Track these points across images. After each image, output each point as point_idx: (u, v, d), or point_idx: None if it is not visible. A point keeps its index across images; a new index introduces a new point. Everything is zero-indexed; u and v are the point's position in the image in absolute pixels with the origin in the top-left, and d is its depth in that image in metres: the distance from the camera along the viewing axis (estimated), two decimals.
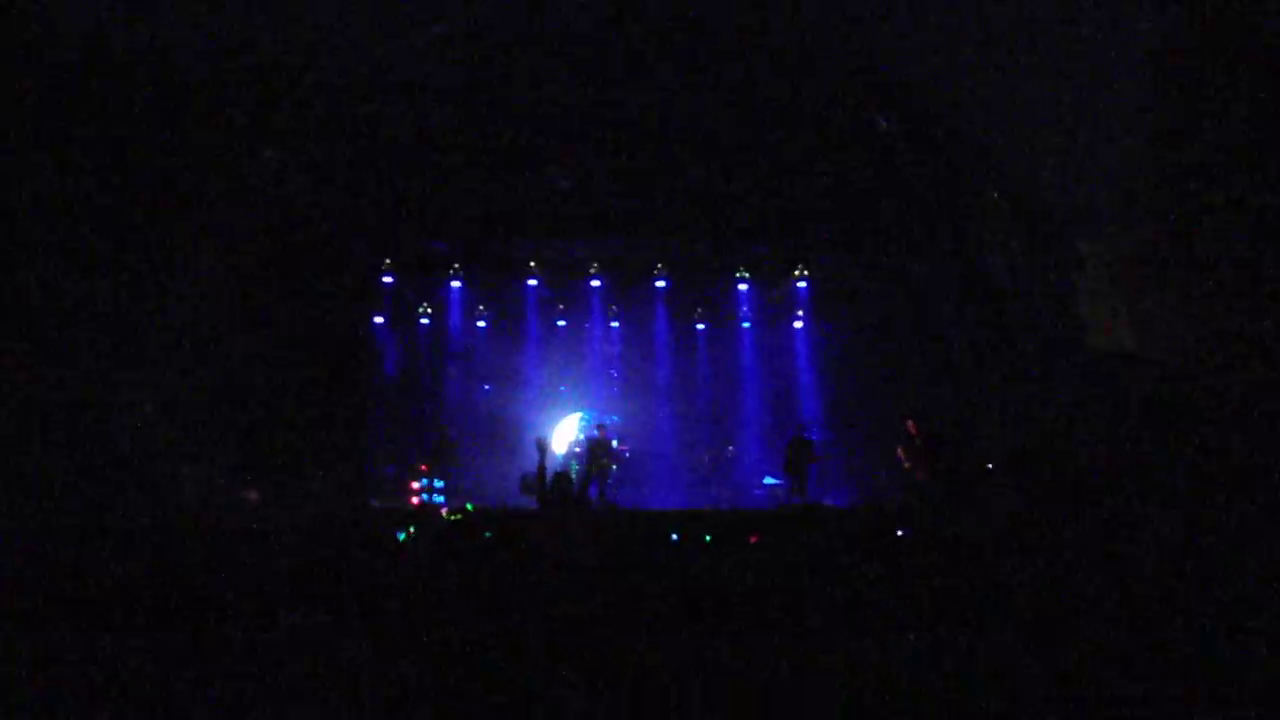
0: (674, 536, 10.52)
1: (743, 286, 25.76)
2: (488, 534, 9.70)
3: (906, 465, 20.57)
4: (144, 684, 5.74)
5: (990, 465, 20.82)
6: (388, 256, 24.35)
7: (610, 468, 23.07)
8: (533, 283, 25.50)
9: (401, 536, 9.77)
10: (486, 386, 26.57)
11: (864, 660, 5.69)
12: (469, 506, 15.32)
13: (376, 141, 22.21)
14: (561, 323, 26.79)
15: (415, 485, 22.63)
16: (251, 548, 8.78)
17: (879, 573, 6.93)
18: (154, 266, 18.91)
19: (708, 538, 10.38)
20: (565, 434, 25.47)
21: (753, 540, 9.97)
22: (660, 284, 25.45)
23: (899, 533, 10.05)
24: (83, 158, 17.51)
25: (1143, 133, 19.99)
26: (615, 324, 26.86)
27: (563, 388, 26.65)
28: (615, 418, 25.59)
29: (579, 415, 25.95)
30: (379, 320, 25.33)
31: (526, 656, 5.77)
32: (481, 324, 26.59)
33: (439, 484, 23.04)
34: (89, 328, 18.25)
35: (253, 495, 18.19)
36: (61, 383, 18.19)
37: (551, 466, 12.65)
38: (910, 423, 20.97)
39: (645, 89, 22.46)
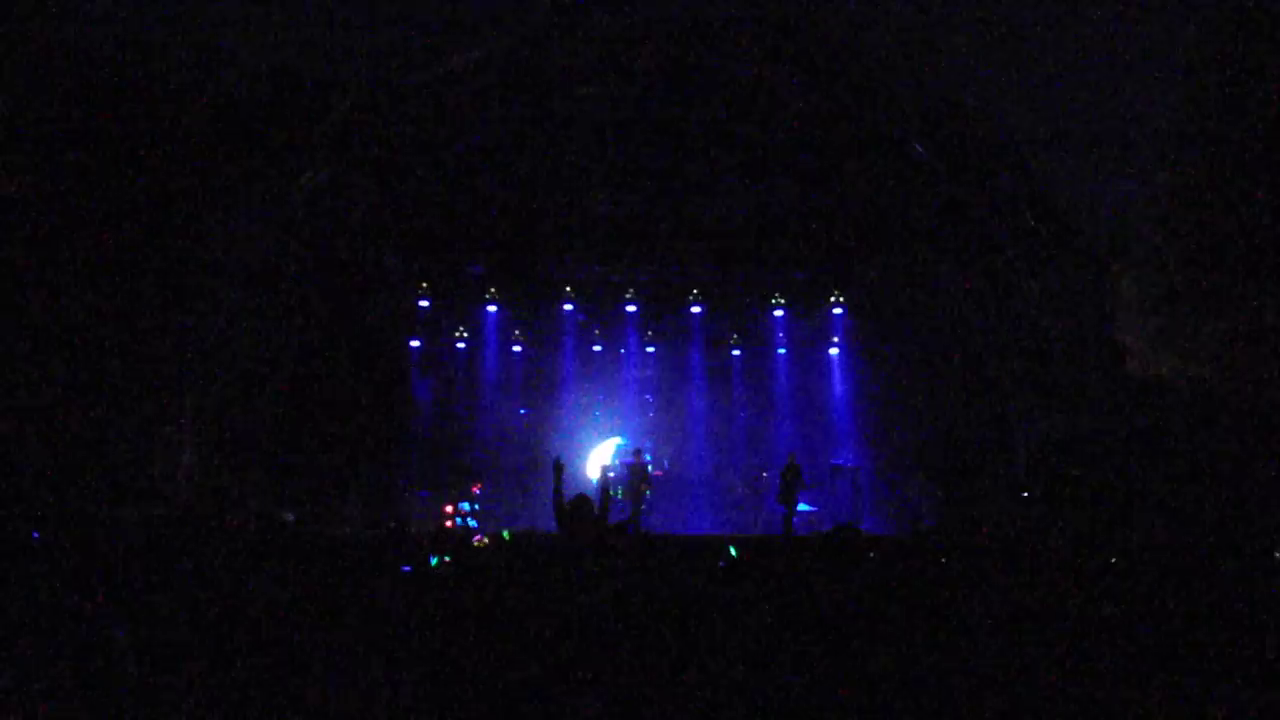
0: (721, 563, 10.47)
1: (778, 313, 25.70)
2: (505, 533, 9.69)
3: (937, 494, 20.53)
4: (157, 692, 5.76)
5: (1025, 493, 20.72)
6: (424, 280, 24.44)
7: (645, 493, 23.05)
8: (568, 308, 25.53)
9: (434, 561, 9.74)
10: (522, 411, 26.60)
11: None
12: (505, 535, 15.26)
13: (416, 163, 22.35)
14: (597, 348, 26.80)
15: (449, 509, 22.65)
16: (282, 565, 8.80)
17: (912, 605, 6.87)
18: (189, 281, 19.03)
19: (733, 550, 10.32)
20: (600, 458, 25.44)
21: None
22: (696, 310, 25.43)
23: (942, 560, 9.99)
24: (118, 171, 17.68)
25: (1180, 155, 19.88)
26: (651, 349, 26.85)
27: (597, 413, 26.64)
28: (649, 443, 25.59)
29: (616, 440, 25.93)
30: (415, 344, 25.41)
31: (534, 682, 5.77)
32: (517, 348, 26.65)
33: (473, 508, 23.09)
34: (126, 349, 18.39)
35: (287, 516, 18.22)
36: (96, 405, 18.35)
37: (585, 490, 12.64)
38: (944, 451, 20.94)
39: (685, 114, 22.56)
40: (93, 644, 6.34)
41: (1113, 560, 9.51)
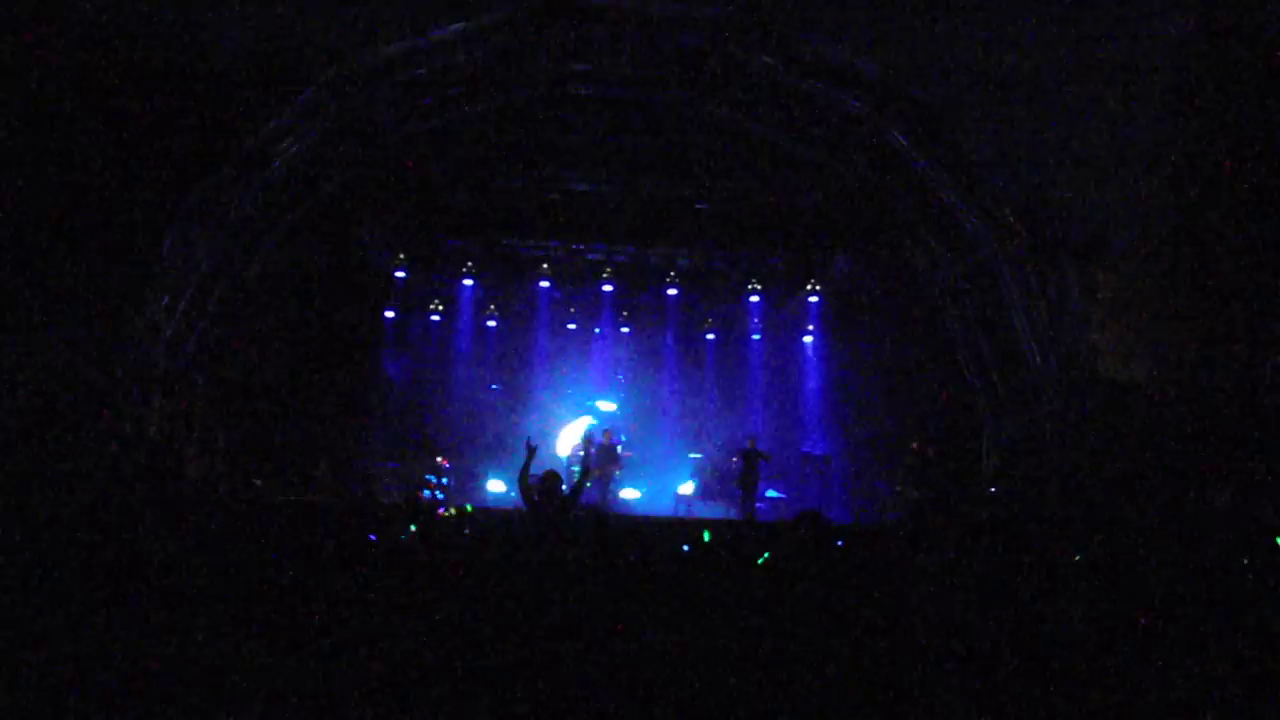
0: (685, 548, 10.51)
1: (754, 299, 25.75)
2: (466, 531, 9.71)
3: (900, 485, 20.67)
4: (133, 666, 5.75)
5: (992, 488, 20.86)
6: (401, 252, 24.38)
7: (614, 473, 23.10)
8: (545, 284, 25.51)
9: (404, 536, 9.77)
10: (494, 386, 26.59)
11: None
12: (468, 508, 15.29)
13: (395, 135, 22.30)
14: (572, 326, 26.81)
15: (415, 481, 22.64)
16: (251, 533, 8.80)
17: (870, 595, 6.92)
18: (158, 249, 18.94)
19: (707, 535, 10.37)
20: (571, 437, 25.46)
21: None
22: (671, 292, 25.45)
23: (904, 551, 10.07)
24: (94, 138, 17.55)
25: (1159, 158, 19.99)
26: (625, 329, 26.87)
27: (569, 391, 26.65)
28: (621, 422, 25.63)
29: (587, 420, 25.92)
30: (389, 315, 25.35)
31: (509, 653, 5.79)
32: (492, 323, 26.63)
33: (443, 481, 23.07)
34: (90, 307, 18.29)
35: (255, 483, 18.21)
36: (66, 365, 18.25)
37: (555, 467, 12.68)
38: (915, 444, 21.04)
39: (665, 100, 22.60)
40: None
41: (1077, 558, 9.59)
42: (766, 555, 10.02)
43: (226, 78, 18.52)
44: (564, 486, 11.10)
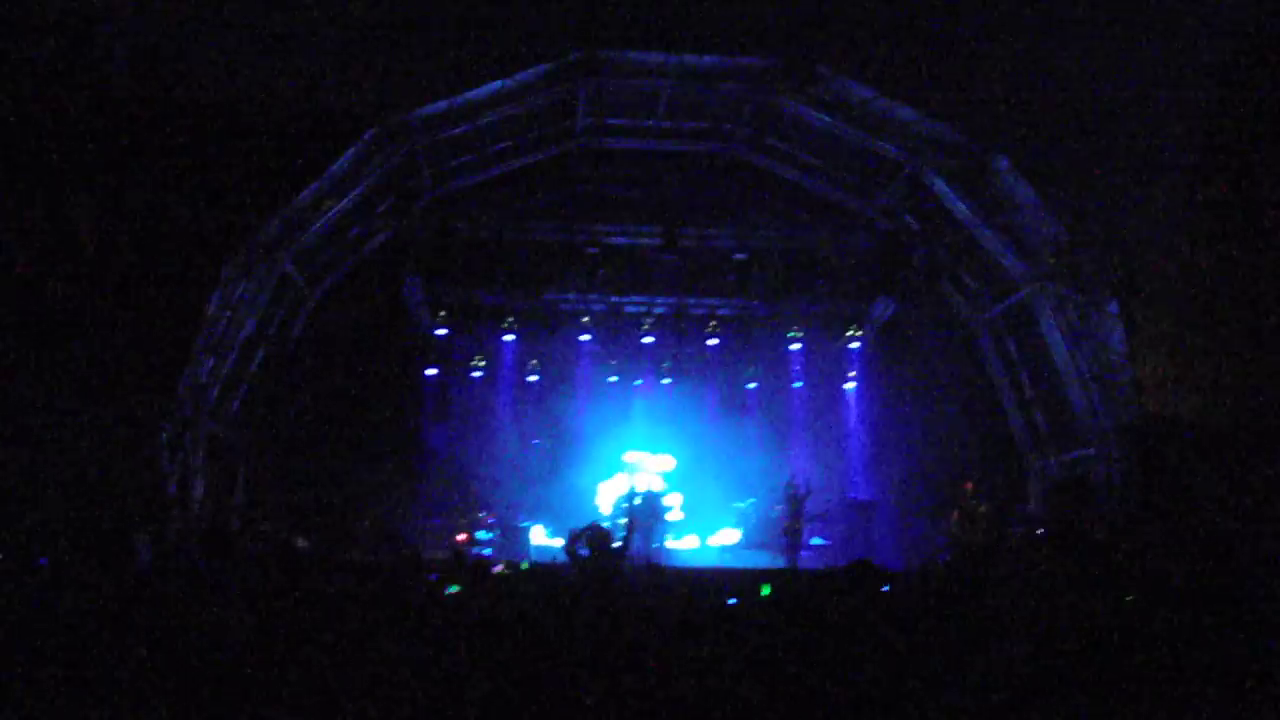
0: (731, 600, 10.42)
1: (795, 346, 25.64)
2: (525, 564, 9.66)
3: (955, 528, 20.43)
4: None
5: (1039, 531, 20.62)
6: (441, 309, 24.48)
7: (658, 526, 22.99)
8: (585, 338, 25.50)
9: (450, 590, 9.72)
10: (536, 441, 26.55)
11: None
12: (523, 565, 15.24)
13: (436, 193, 22.51)
14: (613, 378, 26.75)
15: (461, 538, 22.58)
16: (302, 591, 8.79)
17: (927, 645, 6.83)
18: (207, 306, 19.10)
19: (765, 589, 10.28)
20: (612, 492, 25.36)
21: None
22: (712, 342, 25.39)
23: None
24: (139, 202, 17.77)
25: (1197, 193, 19.91)
26: (667, 381, 26.80)
27: (611, 444, 26.56)
28: (666, 477, 25.58)
29: (627, 476, 25.82)
30: (431, 372, 25.40)
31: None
32: (533, 378, 26.62)
33: (490, 536, 23.03)
34: (136, 369, 18.45)
35: (300, 541, 18.22)
36: (114, 430, 18.39)
37: (598, 521, 12.64)
38: (969, 484, 20.84)
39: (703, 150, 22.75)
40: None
41: (1128, 602, 9.44)
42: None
43: (270, 138, 18.74)
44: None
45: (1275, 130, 19.94)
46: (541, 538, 24.06)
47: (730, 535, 24.74)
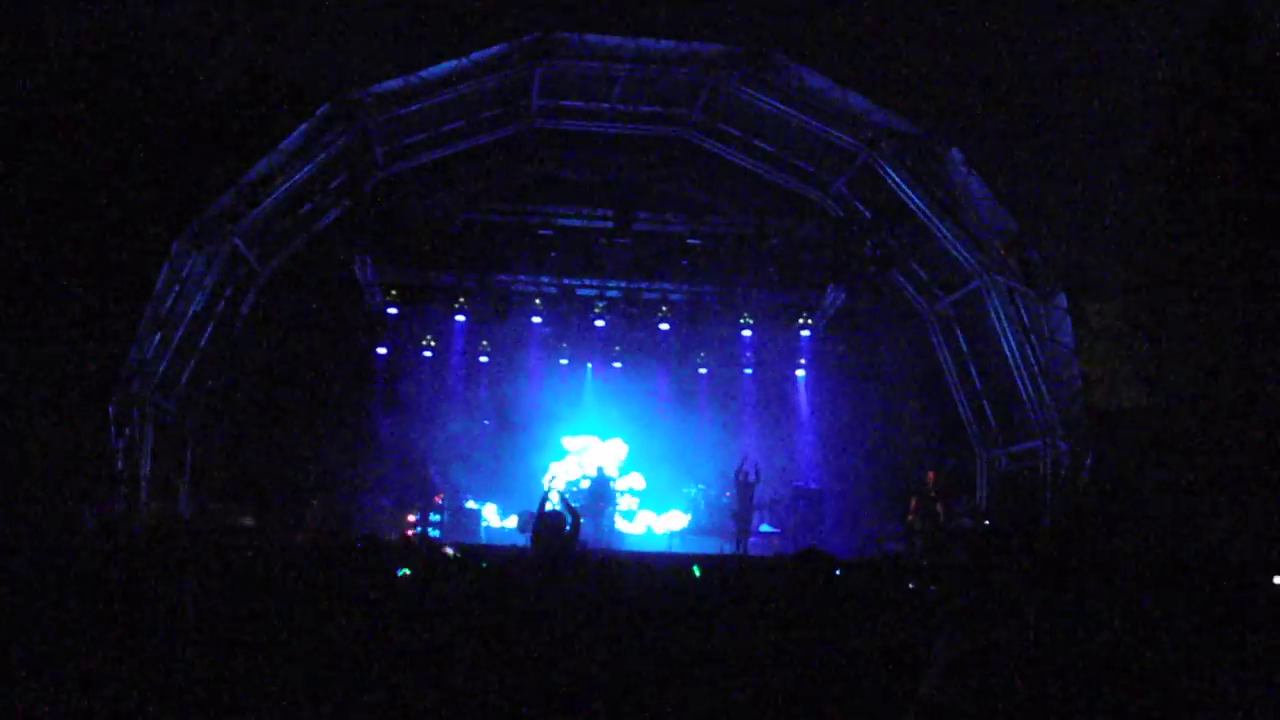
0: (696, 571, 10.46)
1: (746, 333, 25.69)
2: (484, 563, 9.64)
3: (911, 517, 20.61)
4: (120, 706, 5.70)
5: (986, 523, 20.83)
6: (393, 288, 24.36)
7: (607, 509, 23.07)
8: (536, 320, 25.45)
9: (401, 573, 9.67)
10: (486, 421, 26.48)
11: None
12: (449, 550, 15.19)
13: (389, 171, 22.37)
14: (564, 361, 26.72)
15: (411, 518, 22.51)
16: (247, 572, 8.75)
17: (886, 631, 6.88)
18: (151, 287, 18.88)
19: (697, 570, 10.33)
20: (565, 475, 25.37)
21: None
22: (664, 327, 25.40)
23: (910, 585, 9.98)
24: (89, 176, 17.58)
25: (1148, 191, 20.13)
26: (618, 365, 26.80)
27: (561, 425, 26.57)
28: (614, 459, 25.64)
29: (573, 461, 25.86)
30: (381, 351, 25.28)
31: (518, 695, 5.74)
32: (484, 359, 26.55)
33: (435, 518, 22.95)
34: (83, 345, 18.26)
35: (246, 520, 18.12)
36: (60, 405, 18.21)
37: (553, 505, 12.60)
38: (931, 474, 21.00)
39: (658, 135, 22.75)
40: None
41: (1074, 595, 9.55)
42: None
43: (221, 113, 18.57)
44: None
45: (1225, 130, 20.18)
46: (494, 518, 24.09)
47: (678, 519, 24.82)
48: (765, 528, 23.92)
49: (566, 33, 19.91)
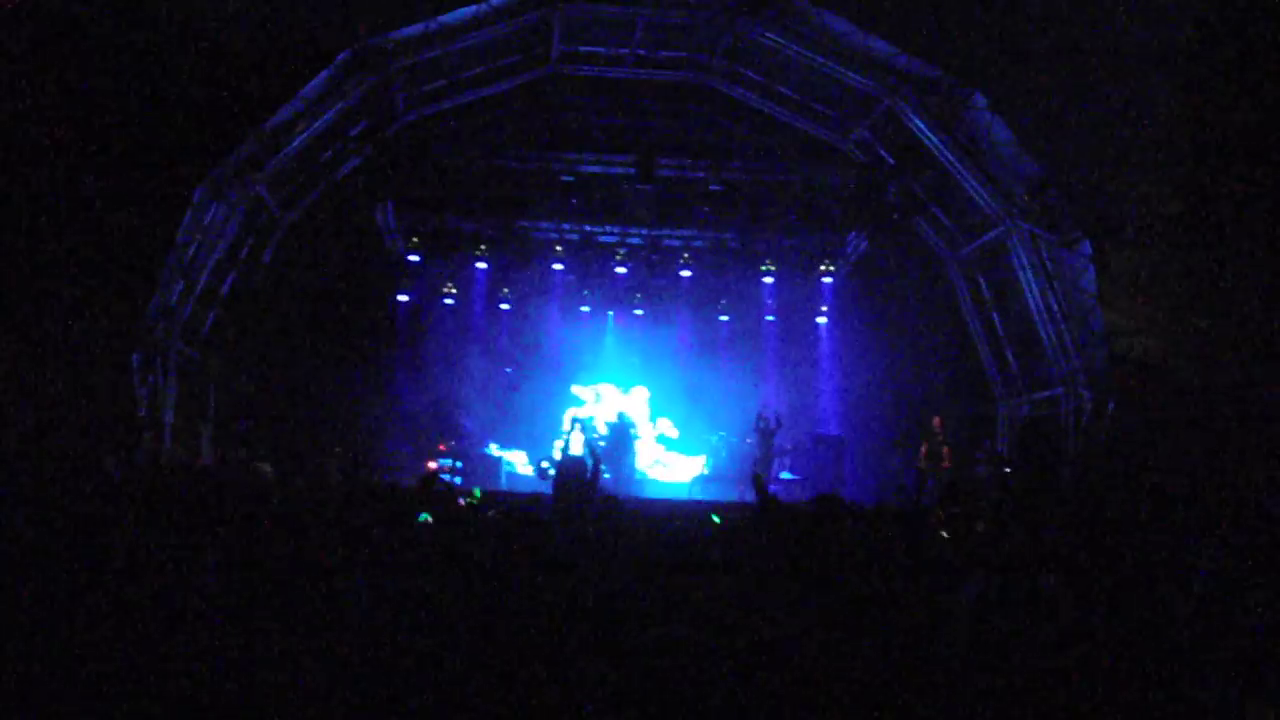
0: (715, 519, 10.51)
1: (768, 280, 25.64)
2: (490, 511, 9.67)
3: (923, 463, 20.63)
4: (139, 646, 5.75)
5: (1005, 470, 20.80)
6: (414, 235, 24.37)
7: (626, 457, 23.16)
8: (558, 267, 25.46)
9: (422, 518, 9.72)
10: (508, 369, 26.58)
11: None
12: (476, 492, 15.27)
13: (410, 118, 22.31)
14: (585, 308, 26.75)
15: (433, 465, 22.64)
16: (267, 515, 8.79)
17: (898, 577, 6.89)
18: (173, 234, 18.91)
19: (715, 518, 10.37)
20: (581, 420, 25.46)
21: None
22: (685, 274, 25.36)
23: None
24: (110, 121, 17.55)
25: (1173, 138, 19.90)
26: (639, 312, 26.82)
27: (582, 374, 26.64)
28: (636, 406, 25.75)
29: (595, 405, 25.95)
30: (403, 298, 25.35)
31: (530, 643, 5.77)
32: (505, 306, 26.61)
33: (458, 465, 23.07)
34: (106, 291, 18.31)
35: (265, 466, 18.21)
36: (82, 349, 18.29)
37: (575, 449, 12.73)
38: (937, 419, 21.01)
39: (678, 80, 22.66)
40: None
41: (1092, 541, 9.53)
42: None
43: (242, 60, 18.48)
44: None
45: (1254, 77, 19.92)
46: (523, 465, 24.24)
47: (696, 463, 24.96)
48: (786, 474, 23.99)
49: None
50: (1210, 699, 5.47)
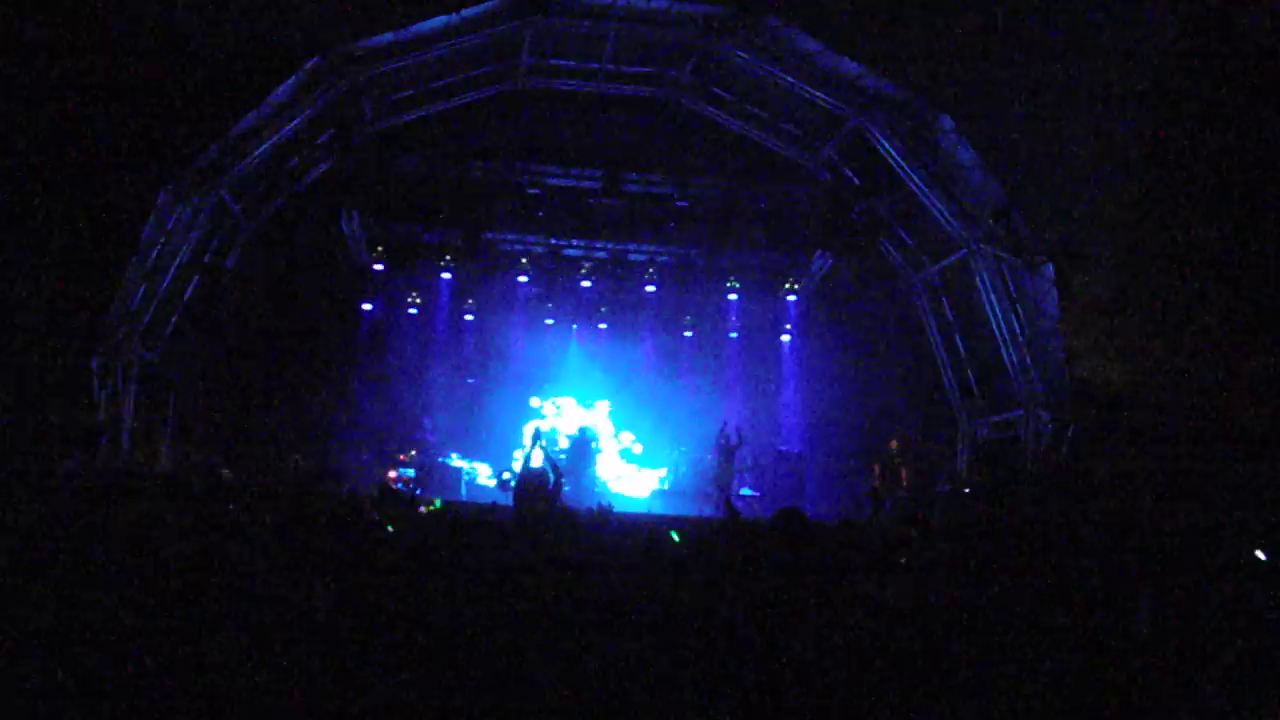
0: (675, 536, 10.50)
1: (733, 296, 25.70)
2: (449, 514, 9.67)
3: (878, 483, 20.73)
4: (99, 661, 5.71)
5: (967, 489, 20.89)
6: (380, 244, 24.29)
7: (587, 470, 23.14)
8: (523, 279, 25.42)
9: (388, 528, 9.70)
10: (470, 380, 26.52)
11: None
12: (437, 501, 15.24)
13: (376, 127, 22.28)
14: (549, 321, 26.73)
15: (392, 474, 22.57)
16: (223, 524, 8.75)
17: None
18: (135, 238, 18.78)
19: (675, 535, 10.35)
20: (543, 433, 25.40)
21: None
22: (650, 289, 25.37)
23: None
24: (73, 126, 17.44)
25: (1137, 164, 20.08)
26: (603, 326, 26.82)
27: (546, 386, 26.60)
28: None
29: (555, 418, 25.92)
30: (367, 307, 25.25)
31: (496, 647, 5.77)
32: (469, 317, 26.56)
33: (408, 473, 22.97)
34: (66, 295, 18.19)
35: (224, 471, 18.11)
36: (41, 353, 18.15)
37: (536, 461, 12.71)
38: (894, 441, 21.11)
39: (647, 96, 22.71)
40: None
41: (1052, 560, 9.61)
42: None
43: (210, 65, 18.41)
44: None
45: (1217, 105, 20.14)
46: (485, 476, 24.15)
47: (655, 476, 24.97)
48: (746, 491, 24.00)
49: None
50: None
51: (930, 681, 5.68)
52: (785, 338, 26.26)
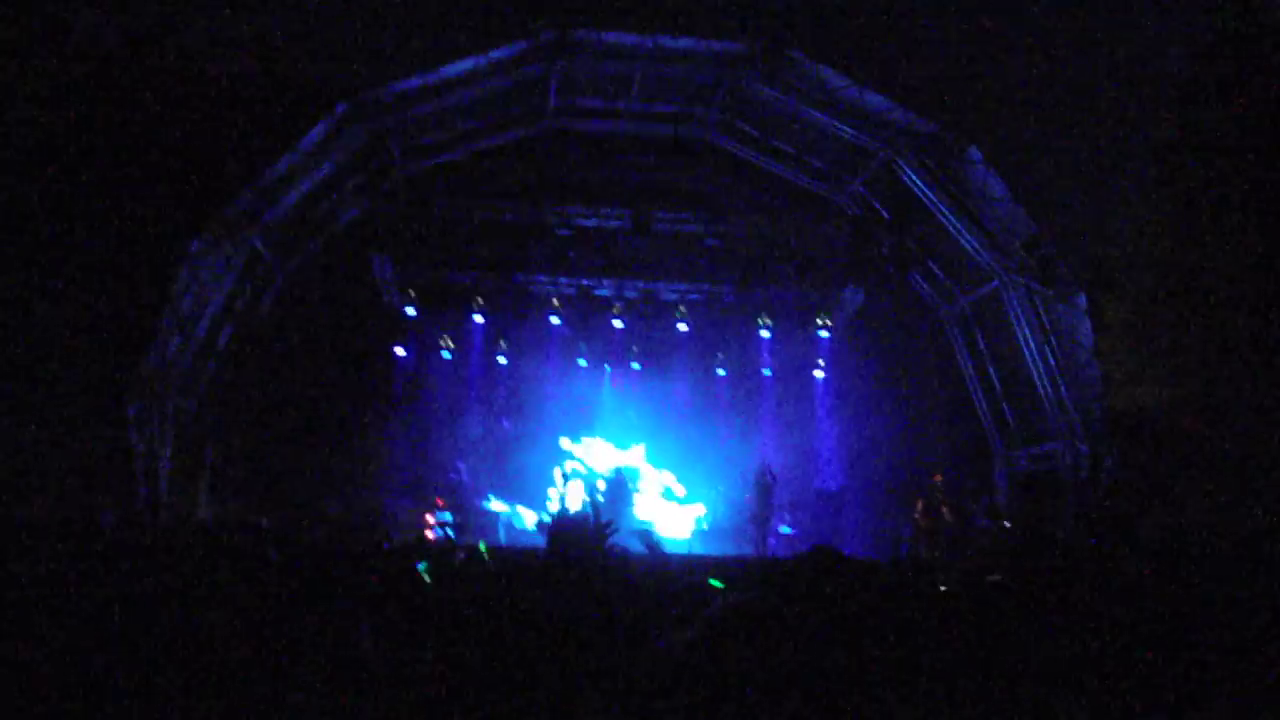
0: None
1: (765, 334, 25.61)
2: (488, 559, 9.57)
3: (919, 518, 20.57)
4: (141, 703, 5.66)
5: (1007, 523, 20.71)
6: (411, 288, 24.35)
7: (625, 510, 23.01)
8: (555, 320, 25.41)
9: (421, 567, 9.60)
10: (505, 423, 26.47)
11: None
12: (482, 546, 15.18)
13: (407, 170, 22.38)
14: (582, 362, 26.68)
15: (430, 519, 22.51)
16: (266, 570, 8.71)
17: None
18: (170, 288, 18.89)
19: (714, 583, 10.21)
20: (576, 472, 25.32)
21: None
22: (682, 328, 25.31)
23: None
24: (107, 179, 17.59)
25: (1164, 189, 20.02)
26: (636, 366, 26.75)
27: (580, 429, 26.52)
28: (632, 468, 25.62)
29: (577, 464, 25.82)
30: (400, 352, 25.28)
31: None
32: (502, 360, 26.54)
33: (448, 518, 22.90)
34: (102, 347, 18.29)
35: (263, 521, 18.15)
36: (80, 406, 18.24)
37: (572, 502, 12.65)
38: (938, 475, 20.95)
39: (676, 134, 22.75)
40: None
41: (1093, 595, 9.44)
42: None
43: (240, 113, 18.57)
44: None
45: (1240, 129, 20.06)
46: (530, 521, 24.05)
47: (694, 512, 24.80)
48: (785, 529, 23.85)
49: (585, 31, 19.91)
50: None
51: None
52: (819, 374, 26.11)
